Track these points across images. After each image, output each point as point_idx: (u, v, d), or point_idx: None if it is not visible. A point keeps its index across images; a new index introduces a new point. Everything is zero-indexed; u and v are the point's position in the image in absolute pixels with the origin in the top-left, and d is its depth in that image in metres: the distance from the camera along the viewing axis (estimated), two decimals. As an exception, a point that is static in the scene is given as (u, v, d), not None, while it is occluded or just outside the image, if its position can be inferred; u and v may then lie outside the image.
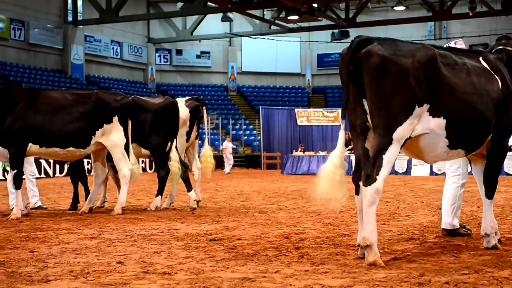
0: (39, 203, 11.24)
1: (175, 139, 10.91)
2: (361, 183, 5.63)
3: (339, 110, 35.01)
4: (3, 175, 19.27)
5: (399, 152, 5.61)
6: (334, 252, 6.25)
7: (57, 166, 24.30)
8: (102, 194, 11.71)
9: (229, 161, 29.74)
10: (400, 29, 43.24)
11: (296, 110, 35.03)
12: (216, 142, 41.23)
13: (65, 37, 41.77)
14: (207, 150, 11.76)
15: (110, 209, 11.11)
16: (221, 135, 41.81)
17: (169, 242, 7.02)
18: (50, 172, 24.17)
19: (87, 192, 11.20)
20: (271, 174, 27.19)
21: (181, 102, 11.59)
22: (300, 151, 29.34)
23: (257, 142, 39.31)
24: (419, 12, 40.66)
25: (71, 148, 9.94)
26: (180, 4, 38.69)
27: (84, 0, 41.39)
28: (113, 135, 10.17)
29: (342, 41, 43.50)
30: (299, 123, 34.22)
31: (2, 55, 37.99)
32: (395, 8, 40.56)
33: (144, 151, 10.98)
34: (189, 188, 10.89)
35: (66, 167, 24.36)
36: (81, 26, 42.17)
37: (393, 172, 24.74)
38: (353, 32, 43.17)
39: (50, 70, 41.45)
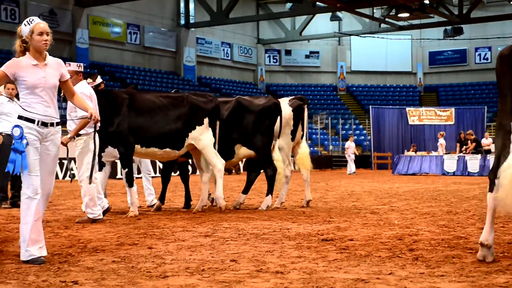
0: (155, 201, 11.60)
1: (277, 140, 10.97)
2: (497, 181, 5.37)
3: (453, 109, 34.03)
4: (121, 174, 20.02)
5: None
6: (450, 255, 6.07)
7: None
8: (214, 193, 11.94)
9: (352, 161, 29.54)
10: (518, 24, 41.50)
11: (407, 109, 34.35)
12: (326, 142, 41.11)
13: (177, 40, 42.95)
14: (303, 148, 11.69)
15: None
16: (330, 135, 41.66)
17: (281, 241, 7.07)
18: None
19: (187, 191, 11.38)
20: (382, 174, 26.81)
21: (284, 101, 11.64)
22: (412, 150, 28.75)
23: (367, 142, 38.88)
24: (538, 6, 38.87)
25: (167, 149, 10.22)
26: (289, 5, 38.86)
27: (196, 3, 42.40)
28: (204, 136, 10.37)
29: (455, 38, 42.29)
30: (410, 122, 33.54)
31: (119, 59, 39.58)
32: (512, 2, 38.96)
33: (247, 151, 11.06)
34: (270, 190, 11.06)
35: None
36: (193, 29, 43.23)
37: None
38: (467, 29, 41.96)
39: (163, 72, 42.76)
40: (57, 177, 20.79)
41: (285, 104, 11.49)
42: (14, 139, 5.81)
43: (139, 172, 12.31)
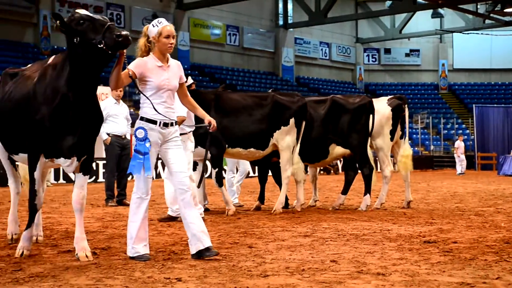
0: (236, 201, 11.71)
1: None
2: None
3: None
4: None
5: None
6: (562, 260, 5.79)
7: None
8: (312, 193, 11.93)
9: (461, 161, 28.77)
10: None
11: (513, 107, 33.05)
12: (427, 142, 40.22)
13: (276, 40, 43.21)
14: (406, 149, 11.45)
15: (321, 207, 11.29)
16: (431, 135, 40.73)
17: (382, 242, 6.97)
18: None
19: (262, 191, 11.34)
20: (486, 175, 25.94)
21: (383, 101, 11.46)
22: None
23: (471, 142, 37.70)
24: None
25: (252, 149, 10.25)
26: (388, 3, 38.31)
27: (294, 3, 42.52)
28: (288, 137, 10.33)
29: None
30: (516, 121, 32.28)
31: (219, 60, 40.24)
32: None
33: (341, 150, 10.95)
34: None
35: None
36: (291, 29, 43.37)
37: None
38: None
39: (262, 72, 43.12)
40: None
41: (384, 104, 11.32)
42: (137, 140, 5.89)
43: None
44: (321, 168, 25.75)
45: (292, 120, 10.35)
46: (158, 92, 5.94)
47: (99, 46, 5.45)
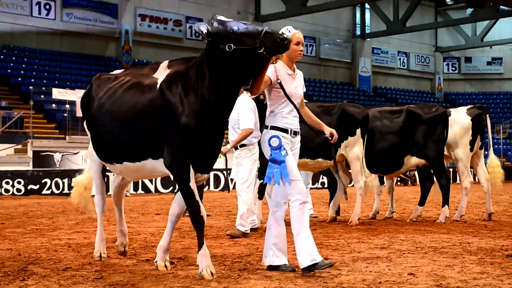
0: (311, 212, 11.62)
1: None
2: None
3: None
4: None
5: None
6: None
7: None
8: (389, 204, 11.76)
9: None
10: None
11: None
12: (509, 152, 39.06)
13: (353, 50, 42.98)
14: (494, 159, 11.12)
15: (398, 219, 11.12)
16: (514, 145, 39.49)
17: (462, 256, 6.80)
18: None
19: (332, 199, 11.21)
20: None
21: (462, 110, 11.21)
22: None
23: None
24: None
25: (319, 159, 10.17)
26: (469, 10, 37.46)
27: (372, 13, 42.20)
28: (355, 148, 10.22)
29: None
30: None
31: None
32: None
33: (416, 161, 10.76)
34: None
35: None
36: (368, 39, 43.04)
37: None
38: None
39: (339, 83, 42.96)
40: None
41: (463, 114, 11.08)
42: (272, 149, 5.79)
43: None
44: (398, 179, 25.39)
45: (358, 131, 10.29)
46: (287, 100, 5.90)
47: (258, 51, 5.39)
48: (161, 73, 5.87)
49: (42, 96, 28.30)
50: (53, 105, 27.91)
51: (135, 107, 5.84)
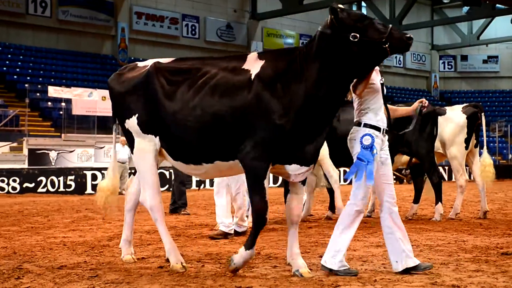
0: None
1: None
2: None
3: None
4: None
5: None
6: None
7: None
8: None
9: None
10: None
11: None
12: (505, 151, 39.12)
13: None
14: (486, 158, 11.12)
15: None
16: (510, 143, 39.55)
17: (457, 254, 6.81)
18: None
19: (332, 200, 11.18)
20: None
21: (457, 109, 11.23)
22: None
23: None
24: None
25: None
26: (465, 9, 37.49)
27: (368, 11, 42.17)
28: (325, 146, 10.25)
29: None
30: None
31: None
32: None
33: (405, 159, 10.82)
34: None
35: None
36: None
37: None
38: None
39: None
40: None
41: (458, 112, 11.09)
42: (362, 147, 5.59)
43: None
44: (394, 177, 25.40)
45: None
46: (378, 96, 5.74)
47: (383, 46, 5.29)
48: (253, 65, 5.62)
49: (38, 94, 28.26)
50: (49, 103, 27.86)
51: (230, 102, 5.51)
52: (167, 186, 21.00)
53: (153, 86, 5.89)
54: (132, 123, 6.04)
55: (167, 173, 20.90)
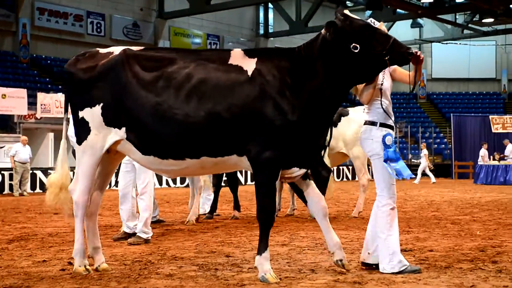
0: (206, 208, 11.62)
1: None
2: None
3: (540, 117, 32.85)
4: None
5: None
6: (536, 268, 5.85)
7: (249, 174, 25.13)
8: (290, 201, 11.93)
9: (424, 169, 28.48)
10: None
11: (490, 117, 33.33)
12: (405, 151, 40.47)
13: (256, 49, 43.17)
14: None
15: (300, 216, 11.30)
16: (409, 144, 40.96)
17: (359, 251, 6.98)
18: (242, 180, 25.06)
19: (236, 200, 11.29)
20: (462, 183, 26.13)
21: (360, 109, 11.51)
22: (496, 159, 27.82)
23: (448, 151, 37.98)
24: None
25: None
26: (368, 12, 38.53)
27: (275, 13, 42.65)
28: None
29: (542, 42, 40.91)
30: (493, 130, 32.54)
31: (198, 69, 40.12)
32: None
33: None
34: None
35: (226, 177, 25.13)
36: (271, 38, 43.46)
37: None
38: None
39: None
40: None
41: (360, 112, 11.36)
42: (386, 148, 5.63)
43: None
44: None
45: None
46: (386, 95, 5.77)
47: (384, 58, 5.30)
48: (244, 62, 5.48)
49: None
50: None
51: (228, 99, 5.33)
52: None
53: (124, 74, 5.57)
54: (94, 112, 5.63)
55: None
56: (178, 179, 22.93)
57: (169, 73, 5.47)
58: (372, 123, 5.71)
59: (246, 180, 25.22)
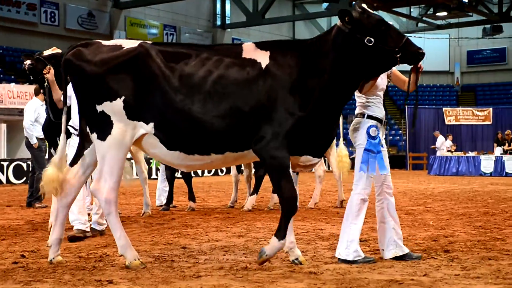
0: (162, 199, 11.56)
1: None
2: None
3: (491, 109, 33.52)
4: (156, 174, 20.20)
5: None
6: (486, 256, 5.99)
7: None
8: (247, 193, 11.95)
9: None
10: (559, 22, 40.60)
11: (444, 109, 33.91)
12: (361, 142, 40.79)
13: (213, 40, 43.11)
14: (342, 149, 11.54)
15: (257, 208, 11.33)
16: (366, 135, 41.36)
17: (315, 242, 7.05)
18: (199, 171, 24.95)
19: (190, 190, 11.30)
20: (417, 174, 26.56)
21: None
22: (448, 150, 28.33)
23: (403, 142, 38.49)
24: None
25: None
26: (325, 5, 38.73)
27: (232, 4, 42.55)
28: None
29: (494, 36, 41.67)
30: (447, 122, 33.11)
31: (155, 60, 39.80)
32: (554, -1, 38.18)
33: None
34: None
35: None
36: (229, 30, 43.37)
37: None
38: (507, 27, 41.32)
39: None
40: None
41: None
42: (370, 139, 5.81)
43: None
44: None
45: None
46: (379, 89, 5.96)
47: (395, 55, 5.37)
48: (257, 55, 5.54)
49: None
50: None
51: (246, 91, 5.40)
52: (24, 178, 20.13)
53: (149, 67, 5.47)
54: (115, 106, 5.47)
55: (24, 165, 20.04)
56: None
57: (190, 69, 5.48)
58: (362, 115, 5.92)
59: (203, 172, 25.14)
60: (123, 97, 5.46)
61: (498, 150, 25.80)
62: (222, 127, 5.40)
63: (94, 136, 5.57)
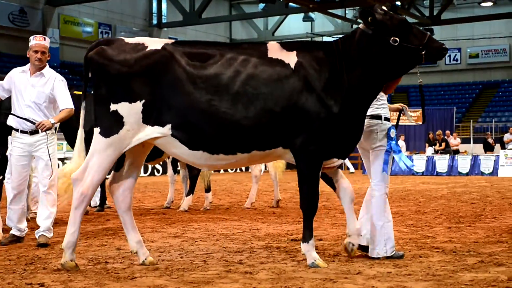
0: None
1: None
2: None
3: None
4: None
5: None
6: (418, 254, 6.14)
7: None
8: (183, 193, 11.90)
9: None
10: (487, 26, 42.00)
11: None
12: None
13: (149, 40, 42.68)
14: None
15: (193, 208, 11.29)
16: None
17: (251, 241, 7.07)
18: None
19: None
20: (351, 174, 26.93)
21: None
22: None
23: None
24: (507, 8, 39.27)
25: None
26: (261, 5, 38.87)
27: (168, 3, 42.28)
28: None
29: (426, 39, 42.65)
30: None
31: (90, 58, 39.14)
32: (482, 4, 39.48)
33: None
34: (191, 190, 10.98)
35: (150, 167, 24.91)
36: (165, 29, 43.07)
37: (479, 173, 24.08)
38: (438, 30, 42.36)
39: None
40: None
41: None
42: (390, 140, 5.96)
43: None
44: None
45: None
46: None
47: (420, 53, 5.45)
48: (283, 55, 5.52)
49: None
50: None
51: (277, 91, 5.38)
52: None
53: (173, 71, 5.36)
54: (133, 108, 5.34)
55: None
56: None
57: (217, 70, 5.40)
58: (378, 117, 6.02)
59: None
60: (143, 101, 5.35)
61: (429, 150, 26.49)
62: (251, 127, 5.38)
63: (96, 130, 5.46)
